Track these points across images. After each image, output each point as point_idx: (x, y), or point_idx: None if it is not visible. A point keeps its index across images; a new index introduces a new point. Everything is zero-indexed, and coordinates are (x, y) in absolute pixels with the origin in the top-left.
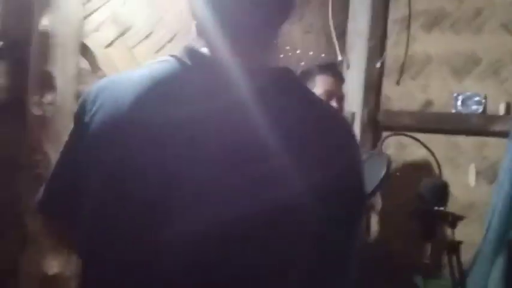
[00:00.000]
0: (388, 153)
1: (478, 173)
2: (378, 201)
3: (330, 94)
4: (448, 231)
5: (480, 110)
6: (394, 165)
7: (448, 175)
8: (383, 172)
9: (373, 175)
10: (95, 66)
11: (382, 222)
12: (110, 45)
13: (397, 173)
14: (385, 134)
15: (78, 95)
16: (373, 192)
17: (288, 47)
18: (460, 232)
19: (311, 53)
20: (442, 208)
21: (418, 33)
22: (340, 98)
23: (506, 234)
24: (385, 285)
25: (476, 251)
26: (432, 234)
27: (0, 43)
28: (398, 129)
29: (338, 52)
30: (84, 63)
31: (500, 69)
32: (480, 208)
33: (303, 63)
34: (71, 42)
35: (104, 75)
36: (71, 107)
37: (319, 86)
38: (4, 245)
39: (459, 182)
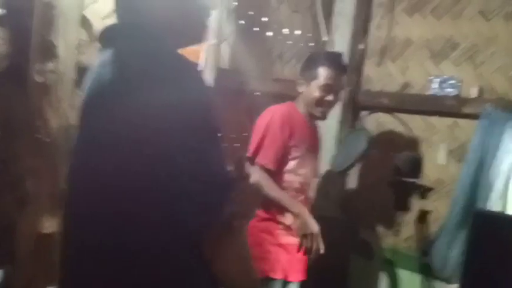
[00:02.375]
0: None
1: (448, 152)
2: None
3: (328, 89)
4: (419, 202)
5: (455, 93)
6: (371, 143)
7: (420, 153)
8: (363, 146)
9: (353, 148)
10: (93, 37)
11: (359, 194)
12: (107, 16)
13: (374, 150)
14: (364, 113)
15: (78, 65)
16: (352, 165)
17: (275, 26)
18: (428, 206)
19: (298, 32)
20: (415, 180)
21: (401, 17)
22: (339, 90)
23: (470, 210)
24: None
25: (441, 224)
26: (406, 205)
27: (4, 11)
28: (377, 109)
29: (324, 32)
30: (83, 34)
31: (475, 54)
32: (448, 185)
33: (290, 42)
34: (72, 13)
35: None
36: (72, 75)
37: (320, 77)
38: (2, 205)
39: (430, 160)
